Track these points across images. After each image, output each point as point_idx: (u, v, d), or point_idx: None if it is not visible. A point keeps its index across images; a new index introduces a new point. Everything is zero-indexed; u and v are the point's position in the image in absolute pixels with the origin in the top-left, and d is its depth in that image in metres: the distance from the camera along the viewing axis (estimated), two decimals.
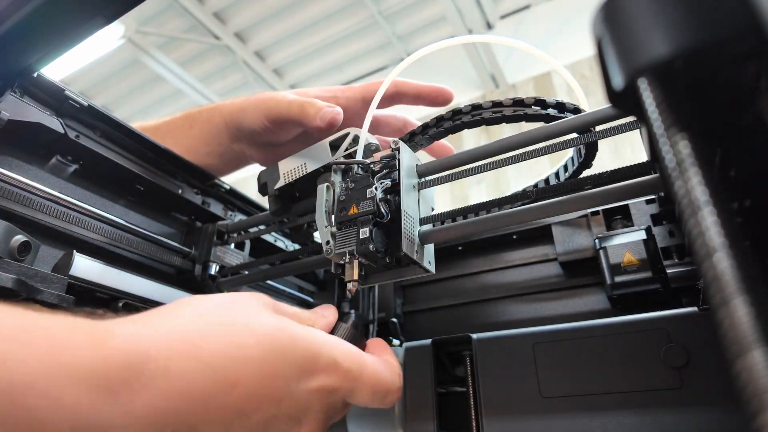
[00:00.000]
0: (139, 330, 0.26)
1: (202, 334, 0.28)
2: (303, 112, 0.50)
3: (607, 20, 0.22)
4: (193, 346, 0.27)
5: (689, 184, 0.18)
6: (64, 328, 0.23)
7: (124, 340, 0.25)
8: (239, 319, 0.31)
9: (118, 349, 0.24)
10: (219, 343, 0.28)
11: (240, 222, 0.63)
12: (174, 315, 0.30)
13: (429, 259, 0.46)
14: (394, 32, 3.70)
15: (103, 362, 0.23)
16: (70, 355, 0.22)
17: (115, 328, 0.26)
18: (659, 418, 0.37)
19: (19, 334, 0.21)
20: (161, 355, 0.25)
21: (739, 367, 0.15)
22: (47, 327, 0.23)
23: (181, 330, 0.28)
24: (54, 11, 0.38)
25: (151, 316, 0.29)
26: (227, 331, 0.29)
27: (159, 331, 0.27)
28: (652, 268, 0.44)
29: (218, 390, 0.27)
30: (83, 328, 0.24)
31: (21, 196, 0.44)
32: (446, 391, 0.49)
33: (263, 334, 0.30)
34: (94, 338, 0.24)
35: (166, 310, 0.30)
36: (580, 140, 0.42)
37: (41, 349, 0.21)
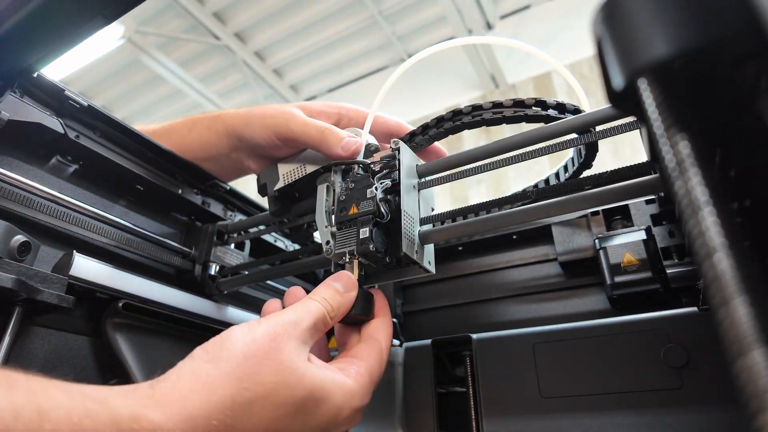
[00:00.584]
0: (174, 425, 0.28)
1: (234, 416, 0.30)
2: (324, 138, 0.50)
3: (607, 20, 0.22)
4: (227, 426, 0.30)
5: (689, 184, 0.18)
6: (108, 427, 0.25)
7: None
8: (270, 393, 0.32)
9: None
10: (250, 420, 0.31)
11: (240, 222, 0.63)
12: (213, 387, 0.31)
13: (429, 259, 0.46)
14: (394, 32, 3.70)
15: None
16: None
17: (154, 424, 0.27)
18: (659, 418, 0.37)
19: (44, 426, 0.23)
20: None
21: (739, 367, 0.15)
22: (94, 429, 0.25)
23: (213, 415, 0.30)
24: (54, 11, 0.38)
25: (186, 397, 0.30)
26: (259, 408, 0.31)
27: (194, 420, 0.29)
28: (652, 269, 0.44)
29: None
30: (125, 424, 0.26)
31: (21, 196, 0.44)
32: (446, 391, 0.49)
33: (293, 405, 0.33)
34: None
35: (200, 386, 0.31)
36: (580, 140, 0.42)
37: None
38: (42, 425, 0.24)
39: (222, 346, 0.33)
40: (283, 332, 0.35)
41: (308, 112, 0.56)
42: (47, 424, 0.24)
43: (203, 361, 0.33)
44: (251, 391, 0.31)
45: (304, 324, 0.37)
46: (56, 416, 0.24)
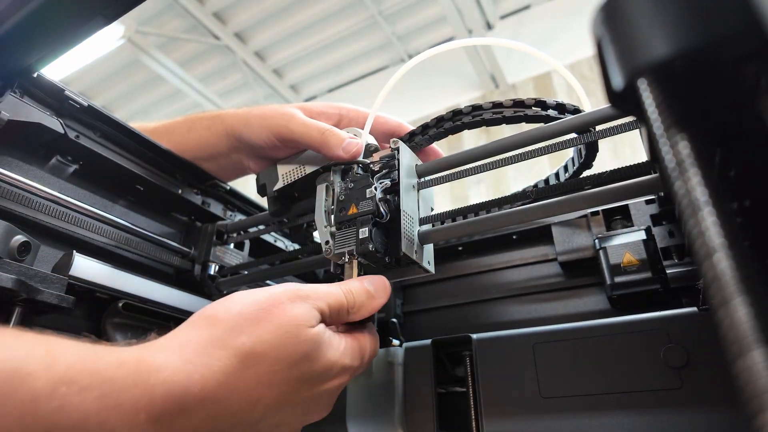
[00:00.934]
0: (178, 367, 0.30)
1: (234, 366, 0.31)
2: (325, 140, 0.50)
3: (606, 20, 0.22)
4: (225, 377, 0.31)
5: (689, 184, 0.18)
6: (114, 367, 0.27)
7: (165, 378, 0.28)
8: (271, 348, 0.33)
9: (160, 386, 0.28)
10: (248, 373, 0.32)
11: (239, 222, 0.63)
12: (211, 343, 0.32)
13: (428, 259, 0.46)
14: (394, 32, 3.70)
15: (148, 398, 0.27)
16: (121, 394, 0.26)
17: (159, 364, 0.29)
18: (659, 418, 0.37)
19: (77, 378, 0.25)
20: (197, 390, 0.29)
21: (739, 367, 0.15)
22: (100, 370, 0.26)
23: (216, 362, 0.31)
24: (54, 11, 0.38)
25: (186, 346, 0.31)
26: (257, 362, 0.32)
27: (197, 366, 0.30)
28: (651, 269, 0.44)
29: (244, 407, 0.32)
30: (129, 365, 0.28)
31: (21, 196, 0.44)
32: (446, 391, 0.49)
33: (290, 360, 0.34)
34: (139, 376, 0.28)
35: (205, 335, 0.32)
36: (580, 140, 0.42)
37: (97, 391, 0.25)
38: (54, 364, 0.25)
39: (222, 304, 0.35)
40: (286, 299, 0.35)
41: (308, 113, 0.56)
42: (60, 364, 0.25)
43: (200, 317, 0.34)
44: (248, 346, 0.32)
45: (317, 300, 0.37)
46: (66, 358, 0.26)
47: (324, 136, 0.50)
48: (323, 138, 0.50)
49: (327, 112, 0.57)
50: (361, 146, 0.50)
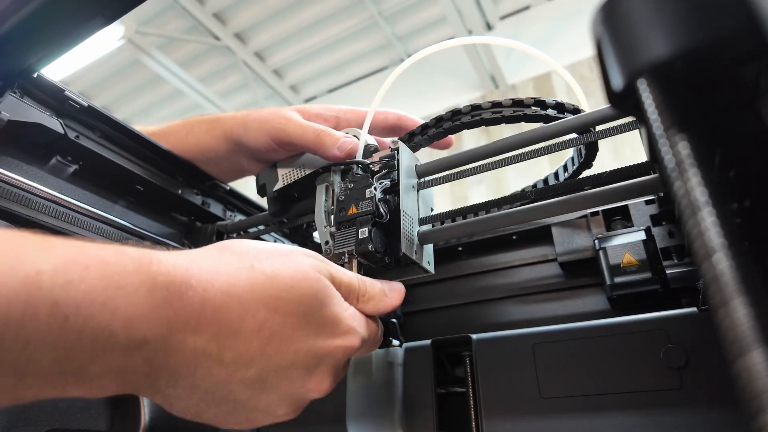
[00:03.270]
0: (182, 263, 0.29)
1: (242, 279, 0.31)
2: (320, 141, 0.50)
3: (606, 21, 0.22)
4: (231, 287, 0.30)
5: (689, 184, 0.18)
6: (115, 253, 0.27)
7: (168, 267, 0.28)
8: (282, 275, 0.33)
9: (161, 273, 0.27)
10: (255, 290, 0.31)
11: (239, 222, 0.63)
12: (221, 257, 0.32)
13: (428, 260, 0.46)
14: (394, 33, 3.70)
15: (149, 285, 0.27)
16: (122, 276, 0.26)
17: (161, 256, 0.29)
18: (659, 418, 0.37)
19: (79, 258, 0.25)
20: (200, 286, 0.29)
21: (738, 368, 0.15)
22: (101, 254, 0.26)
23: (224, 270, 0.30)
24: (54, 11, 0.38)
25: (199, 253, 0.32)
26: (266, 282, 0.32)
27: (202, 267, 0.30)
28: (651, 269, 0.44)
29: (246, 327, 0.30)
30: (131, 253, 0.27)
31: (21, 196, 0.44)
32: (446, 391, 0.49)
33: (299, 293, 0.33)
34: (141, 262, 0.27)
35: (216, 252, 0.32)
36: (580, 140, 0.42)
37: (99, 272, 0.25)
38: (53, 247, 0.25)
39: (236, 240, 0.35)
40: (302, 253, 0.36)
41: (306, 116, 0.56)
42: (57, 248, 0.25)
43: (216, 243, 0.34)
44: (258, 267, 0.32)
45: (332, 268, 0.37)
46: (64, 243, 0.26)
47: (319, 137, 0.50)
48: (318, 139, 0.50)
49: (324, 114, 0.57)
50: (356, 144, 0.50)
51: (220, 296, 0.29)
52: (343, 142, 0.49)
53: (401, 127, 0.57)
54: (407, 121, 0.57)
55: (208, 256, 0.31)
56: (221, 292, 0.29)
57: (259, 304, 0.31)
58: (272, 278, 0.32)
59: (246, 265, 0.32)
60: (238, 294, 0.30)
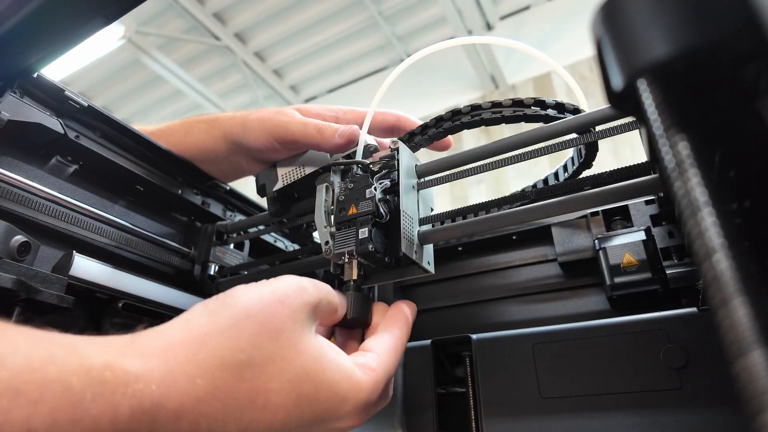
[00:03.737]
0: (155, 377, 0.25)
1: (223, 378, 0.27)
2: (321, 134, 0.50)
3: (606, 21, 0.22)
4: (208, 393, 0.26)
5: (689, 184, 0.18)
6: (73, 375, 0.23)
7: (136, 391, 0.24)
8: (266, 361, 0.29)
9: (128, 400, 0.23)
10: (236, 388, 0.27)
11: (239, 222, 0.63)
12: (195, 349, 0.27)
13: (428, 260, 0.46)
14: (394, 33, 3.70)
15: (111, 414, 0.23)
16: (78, 409, 0.22)
17: (131, 375, 0.24)
18: (659, 418, 0.37)
19: (26, 388, 0.21)
20: (172, 404, 0.25)
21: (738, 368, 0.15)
22: (55, 380, 0.22)
23: (198, 373, 0.26)
24: (54, 11, 0.38)
25: (170, 349, 0.27)
26: (249, 375, 0.28)
27: (176, 375, 0.26)
28: (651, 269, 0.44)
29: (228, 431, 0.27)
30: (93, 374, 0.23)
31: (21, 196, 0.44)
32: (446, 391, 0.49)
33: (288, 381, 0.29)
34: (104, 386, 0.23)
35: (189, 340, 0.28)
36: (580, 140, 0.42)
37: (48, 406, 0.21)
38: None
39: (223, 301, 0.31)
40: (292, 293, 0.32)
41: (306, 115, 0.56)
42: (3, 371, 0.21)
43: (200, 314, 0.30)
44: (246, 354, 0.28)
45: (314, 293, 0.34)
46: (13, 362, 0.21)
47: (321, 131, 0.50)
48: (320, 134, 0.50)
49: (324, 114, 0.57)
50: (356, 130, 0.50)
51: (200, 406, 0.26)
52: (343, 129, 0.49)
53: (400, 128, 0.57)
54: (406, 122, 0.57)
55: (187, 350, 0.27)
56: (199, 401, 0.26)
57: (245, 406, 0.27)
58: (262, 367, 0.28)
59: (234, 354, 0.28)
60: (221, 398, 0.27)
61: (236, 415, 0.27)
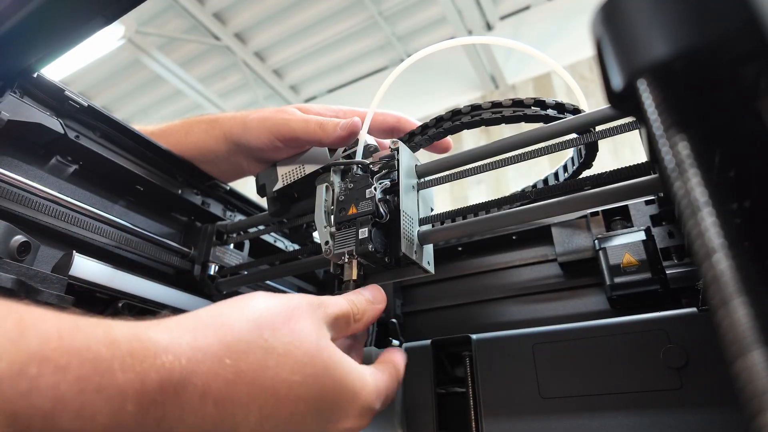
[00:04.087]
0: (184, 351, 0.25)
1: (249, 362, 0.28)
2: (324, 129, 0.50)
3: (606, 21, 0.22)
4: (235, 375, 0.27)
5: (689, 184, 0.18)
6: (102, 345, 0.23)
7: (165, 362, 0.24)
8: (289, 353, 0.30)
9: (154, 372, 0.24)
10: (261, 374, 0.28)
11: (239, 222, 0.63)
12: (223, 332, 0.28)
13: (428, 260, 0.46)
14: (394, 33, 3.70)
15: (138, 385, 0.23)
16: (105, 377, 0.22)
17: (159, 346, 0.25)
18: (659, 418, 0.37)
19: (52, 355, 0.21)
20: (200, 380, 0.25)
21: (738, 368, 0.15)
22: (82, 348, 0.22)
23: (227, 354, 0.27)
24: (54, 11, 0.38)
25: (198, 328, 0.27)
26: (273, 364, 0.29)
27: (205, 353, 0.26)
28: (651, 269, 0.44)
29: (250, 419, 0.27)
30: (122, 345, 0.23)
31: (21, 196, 0.44)
32: (446, 391, 0.49)
33: (309, 375, 0.30)
34: (133, 357, 0.23)
35: (217, 323, 0.29)
36: (580, 140, 0.42)
37: (76, 372, 0.21)
38: (24, 338, 0.21)
39: (247, 299, 0.32)
40: (306, 306, 0.33)
41: (306, 113, 0.56)
42: (31, 338, 0.21)
43: (225, 305, 0.31)
44: (269, 344, 0.29)
45: (330, 309, 0.35)
46: (41, 330, 0.21)
47: (322, 126, 0.50)
48: (322, 129, 0.50)
49: (324, 113, 0.57)
50: (357, 123, 0.50)
51: (225, 389, 0.26)
52: (345, 122, 0.50)
53: (400, 129, 0.57)
54: (406, 123, 0.57)
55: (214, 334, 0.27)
56: (226, 383, 0.26)
57: (268, 395, 0.28)
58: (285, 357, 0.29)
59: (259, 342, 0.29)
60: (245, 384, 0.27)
61: (260, 402, 0.27)
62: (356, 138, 0.50)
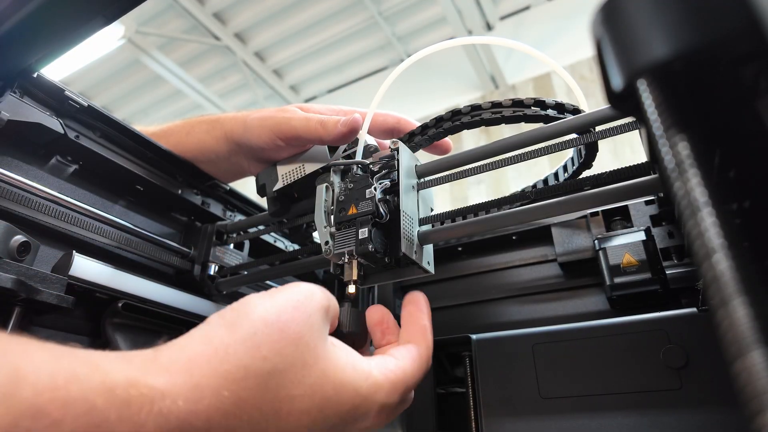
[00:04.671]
0: (182, 394, 0.25)
1: (248, 389, 0.27)
2: (325, 127, 0.50)
3: (606, 21, 0.22)
4: (235, 407, 0.26)
5: (688, 185, 0.18)
6: (97, 394, 0.22)
7: (162, 409, 0.24)
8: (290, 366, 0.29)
9: (152, 421, 0.23)
10: (261, 398, 0.27)
11: (239, 222, 0.63)
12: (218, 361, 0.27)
13: (428, 260, 0.46)
14: (394, 33, 3.70)
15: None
16: (103, 427, 0.22)
17: (156, 393, 0.24)
18: (658, 418, 0.37)
19: (48, 408, 0.20)
20: (200, 419, 0.25)
21: (738, 368, 0.15)
22: (78, 399, 0.21)
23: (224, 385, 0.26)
24: (54, 11, 0.38)
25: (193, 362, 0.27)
26: (274, 384, 0.28)
27: (203, 390, 0.25)
28: (651, 269, 0.44)
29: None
30: (117, 393, 0.23)
31: (21, 196, 0.44)
32: (446, 391, 0.49)
33: (310, 386, 0.30)
34: (130, 407, 0.23)
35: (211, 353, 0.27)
36: (580, 141, 0.42)
37: (70, 427, 0.21)
38: (18, 390, 0.20)
39: (239, 311, 0.30)
40: (304, 299, 0.33)
41: (307, 112, 0.56)
42: (25, 390, 0.20)
43: (218, 326, 0.29)
44: (269, 362, 0.28)
45: (324, 297, 0.35)
46: (36, 380, 0.21)
47: (323, 124, 0.51)
48: (323, 126, 0.50)
49: (324, 113, 0.57)
50: (358, 119, 0.50)
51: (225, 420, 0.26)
52: (346, 119, 0.50)
53: (400, 130, 0.57)
54: (406, 125, 0.57)
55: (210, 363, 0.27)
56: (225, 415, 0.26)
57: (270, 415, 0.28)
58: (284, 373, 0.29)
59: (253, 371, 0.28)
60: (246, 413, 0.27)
61: (262, 426, 0.27)
62: (357, 136, 0.50)
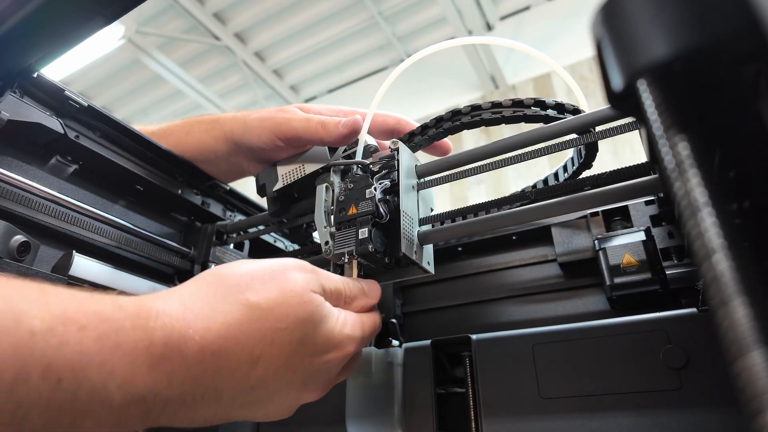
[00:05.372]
0: (177, 313, 0.29)
1: (238, 318, 0.31)
2: (325, 128, 0.51)
3: (606, 21, 0.22)
4: (228, 329, 0.31)
5: (688, 185, 0.18)
6: (113, 309, 0.27)
7: (165, 323, 0.28)
8: (278, 306, 0.33)
9: (160, 330, 0.28)
10: (252, 327, 0.32)
11: (239, 222, 0.63)
12: (215, 297, 0.32)
13: (428, 260, 0.46)
14: (394, 33, 3.70)
15: (147, 341, 0.27)
16: (120, 335, 0.26)
17: (158, 310, 0.28)
18: (658, 419, 0.37)
19: (75, 317, 0.25)
20: (198, 335, 0.29)
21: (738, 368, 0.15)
22: (98, 311, 0.26)
23: (220, 313, 0.31)
24: (54, 11, 0.38)
25: (186, 296, 0.32)
26: (257, 317, 0.32)
27: (198, 314, 0.30)
28: (651, 270, 0.44)
29: (244, 363, 0.31)
30: (129, 308, 0.27)
31: (21, 196, 0.44)
32: (446, 391, 0.49)
33: (295, 320, 0.34)
34: (138, 318, 0.27)
35: (209, 289, 0.33)
36: (580, 141, 0.42)
37: (96, 331, 0.25)
38: (49, 304, 0.24)
39: (227, 266, 0.35)
40: (292, 267, 0.36)
41: (307, 113, 0.56)
42: (54, 305, 0.24)
43: (208, 273, 0.35)
44: (252, 301, 0.33)
45: (322, 275, 0.38)
46: (61, 298, 0.25)
47: (323, 125, 0.51)
48: (323, 127, 0.51)
49: (324, 113, 0.57)
50: (359, 121, 0.50)
51: (218, 341, 0.30)
52: (346, 120, 0.50)
53: (400, 130, 0.57)
54: (406, 125, 0.57)
55: (201, 298, 0.32)
56: (218, 337, 0.30)
57: (256, 341, 0.32)
58: (268, 311, 0.33)
59: (241, 301, 0.32)
60: (235, 335, 0.31)
61: (249, 348, 0.31)
62: (357, 137, 0.50)
